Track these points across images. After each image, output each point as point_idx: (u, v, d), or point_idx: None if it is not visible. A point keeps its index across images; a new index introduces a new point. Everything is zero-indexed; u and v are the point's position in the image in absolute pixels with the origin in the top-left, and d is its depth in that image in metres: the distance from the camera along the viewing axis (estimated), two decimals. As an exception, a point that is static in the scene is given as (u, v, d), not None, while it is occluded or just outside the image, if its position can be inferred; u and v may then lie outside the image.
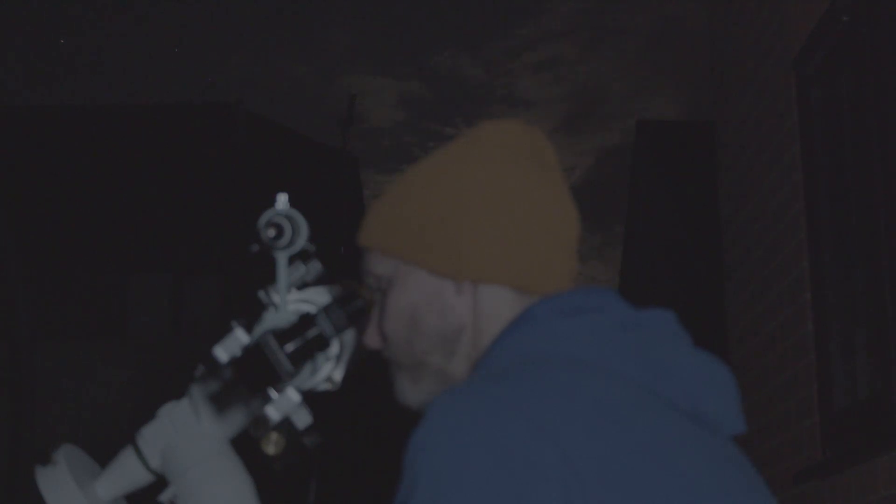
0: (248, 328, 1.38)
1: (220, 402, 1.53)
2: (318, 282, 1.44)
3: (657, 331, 1.31)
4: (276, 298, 1.41)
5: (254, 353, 1.33)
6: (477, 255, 1.34)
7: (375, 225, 1.39)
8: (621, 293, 1.38)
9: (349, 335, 1.43)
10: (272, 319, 1.40)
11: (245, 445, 1.54)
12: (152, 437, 1.54)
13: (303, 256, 1.42)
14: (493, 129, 1.41)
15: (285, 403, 1.36)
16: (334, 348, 1.41)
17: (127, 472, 1.55)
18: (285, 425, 1.42)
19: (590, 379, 1.21)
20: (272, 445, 1.50)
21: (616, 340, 1.28)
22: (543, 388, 1.19)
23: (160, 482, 1.54)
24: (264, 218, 1.39)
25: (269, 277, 1.41)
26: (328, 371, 1.41)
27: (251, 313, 1.42)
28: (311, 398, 1.41)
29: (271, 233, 1.38)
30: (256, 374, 1.33)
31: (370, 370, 1.49)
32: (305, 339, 1.35)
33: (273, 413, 1.35)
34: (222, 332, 1.37)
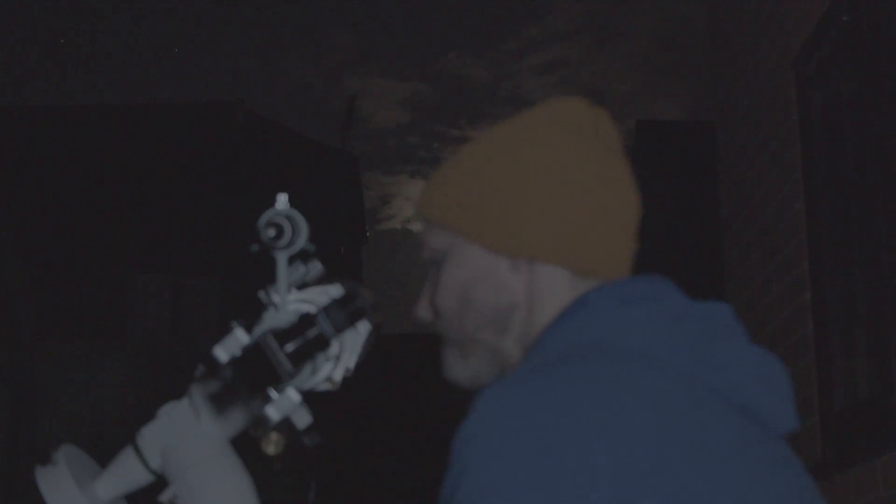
0: (248, 328, 1.38)
1: (220, 402, 1.54)
2: (318, 282, 1.44)
3: (713, 323, 1.28)
4: (276, 298, 1.41)
5: (254, 353, 1.33)
6: (534, 233, 1.32)
7: (433, 196, 1.38)
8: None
9: (349, 335, 1.43)
10: (272, 319, 1.40)
11: (245, 445, 1.54)
12: (152, 437, 1.54)
13: (303, 256, 1.42)
14: (557, 106, 1.39)
15: (285, 403, 1.36)
16: (334, 348, 1.41)
17: (127, 472, 1.55)
18: (285, 425, 1.42)
19: (645, 373, 1.18)
20: (272, 445, 1.50)
21: (672, 332, 1.25)
22: (598, 385, 1.16)
23: (160, 482, 1.54)
24: (264, 218, 1.38)
25: (269, 277, 1.41)
26: (328, 371, 1.41)
27: (251, 313, 1.42)
28: (311, 398, 1.41)
29: (271, 233, 1.38)
30: (256, 374, 1.33)
31: (370, 370, 1.49)
32: (305, 339, 1.34)
33: (273, 413, 1.35)
34: (222, 332, 1.36)
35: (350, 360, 1.42)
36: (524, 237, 1.32)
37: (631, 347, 1.22)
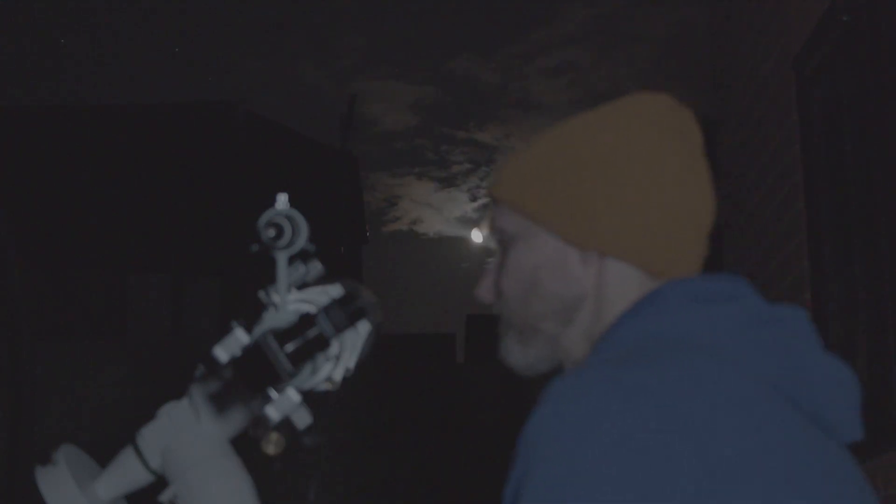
0: (248, 328, 1.38)
1: (220, 402, 1.54)
2: (318, 282, 1.44)
3: (790, 328, 1.26)
4: (276, 298, 1.41)
5: (254, 353, 1.33)
6: (608, 227, 1.30)
7: (509, 178, 1.36)
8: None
9: (349, 335, 1.43)
10: (272, 319, 1.40)
11: (245, 445, 1.54)
12: (152, 437, 1.54)
13: (303, 256, 1.42)
14: (644, 100, 1.37)
15: (285, 403, 1.36)
16: (334, 348, 1.41)
17: (127, 472, 1.55)
18: (285, 425, 1.42)
19: (721, 370, 1.16)
20: (272, 445, 1.50)
21: (748, 333, 1.22)
22: (675, 377, 1.13)
23: (160, 482, 1.54)
24: (264, 218, 1.38)
25: (269, 277, 1.41)
26: (328, 371, 1.41)
27: (251, 313, 1.42)
28: (311, 398, 1.41)
29: (271, 233, 1.38)
30: (256, 374, 1.33)
31: (370, 370, 1.49)
32: (305, 339, 1.34)
33: (273, 413, 1.35)
34: (222, 332, 1.36)
35: (350, 360, 1.42)
36: (598, 230, 1.30)
37: (707, 345, 1.19)
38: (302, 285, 1.43)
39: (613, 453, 1.07)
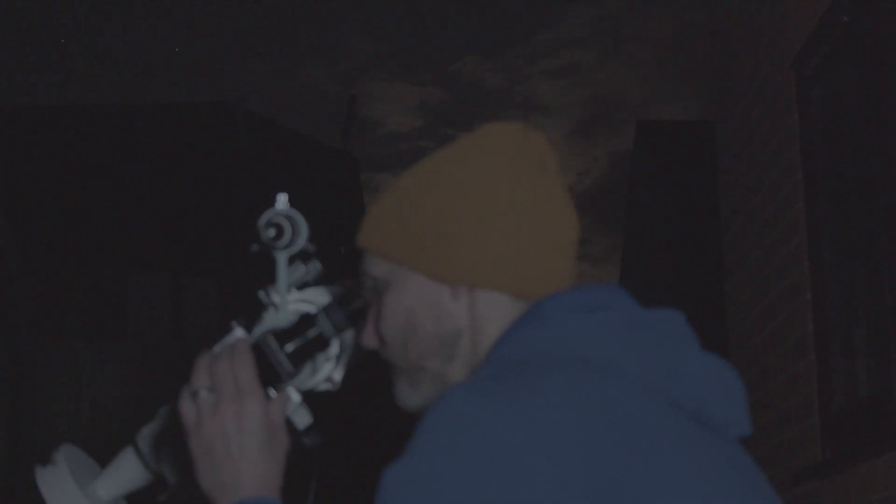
0: (248, 328, 1.38)
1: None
2: (318, 282, 1.44)
3: (666, 331, 1.30)
4: (276, 298, 1.41)
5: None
6: (471, 260, 1.33)
7: (373, 226, 1.38)
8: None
9: (349, 335, 1.43)
10: (272, 319, 1.40)
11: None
12: (152, 436, 1.54)
13: (303, 256, 1.42)
14: (493, 131, 1.40)
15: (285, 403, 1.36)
16: (334, 348, 1.41)
17: (127, 472, 1.55)
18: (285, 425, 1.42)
19: (598, 382, 1.20)
20: (272, 445, 1.50)
21: (625, 339, 1.27)
22: (550, 394, 1.17)
23: (160, 482, 1.54)
24: (264, 218, 1.38)
25: (269, 277, 1.41)
26: (328, 371, 1.41)
27: (251, 313, 1.42)
28: (311, 398, 1.41)
29: (271, 233, 1.38)
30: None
31: (370, 370, 1.49)
32: (305, 339, 1.35)
33: (273, 413, 1.35)
34: (222, 332, 1.37)
35: (350, 360, 1.42)
36: (462, 264, 1.33)
37: (586, 356, 1.24)
38: (302, 285, 1.43)
39: (472, 465, 1.13)
